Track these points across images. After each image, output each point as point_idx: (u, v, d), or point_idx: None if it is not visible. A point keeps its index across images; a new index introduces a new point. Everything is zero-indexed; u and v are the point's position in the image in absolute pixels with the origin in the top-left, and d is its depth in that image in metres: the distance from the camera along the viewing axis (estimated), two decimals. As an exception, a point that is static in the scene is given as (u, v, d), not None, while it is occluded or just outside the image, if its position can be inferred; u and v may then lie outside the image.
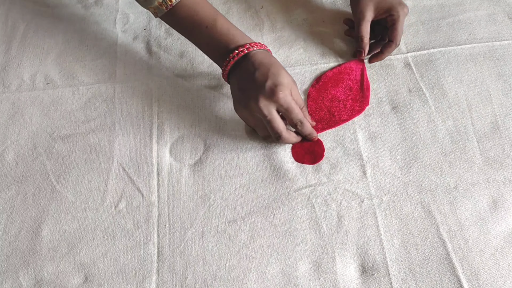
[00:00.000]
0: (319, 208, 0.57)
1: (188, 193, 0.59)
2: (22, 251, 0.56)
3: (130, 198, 0.59)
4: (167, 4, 0.61)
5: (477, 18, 0.72)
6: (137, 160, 0.62)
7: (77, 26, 0.76)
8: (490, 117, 0.63)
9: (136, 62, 0.71)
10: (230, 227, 0.57)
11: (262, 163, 0.61)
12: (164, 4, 0.61)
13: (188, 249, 0.56)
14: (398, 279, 0.53)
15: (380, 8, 0.67)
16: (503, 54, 0.68)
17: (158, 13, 0.62)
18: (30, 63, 0.72)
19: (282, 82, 0.57)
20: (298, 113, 0.59)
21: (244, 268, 0.54)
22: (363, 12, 0.67)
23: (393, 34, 0.66)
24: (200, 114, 0.66)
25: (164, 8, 0.61)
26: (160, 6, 0.61)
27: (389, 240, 0.55)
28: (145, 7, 0.63)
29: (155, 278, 0.54)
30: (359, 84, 0.67)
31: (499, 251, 0.53)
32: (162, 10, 0.61)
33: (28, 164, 0.63)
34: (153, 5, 0.62)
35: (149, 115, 0.66)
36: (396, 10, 0.66)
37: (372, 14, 0.67)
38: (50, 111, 0.67)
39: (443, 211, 0.56)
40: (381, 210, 0.57)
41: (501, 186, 0.58)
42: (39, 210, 0.59)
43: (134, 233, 0.57)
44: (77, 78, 0.70)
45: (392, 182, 0.59)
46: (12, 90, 0.70)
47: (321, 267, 0.54)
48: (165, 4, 0.61)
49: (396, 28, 0.66)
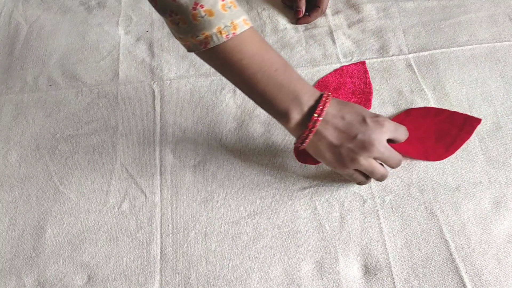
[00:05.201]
0: (321, 208, 0.58)
1: (191, 194, 0.60)
2: (26, 251, 0.57)
3: (133, 198, 0.60)
4: (228, 32, 0.48)
5: (478, 20, 0.73)
6: (140, 161, 0.62)
7: (80, 28, 0.77)
8: (492, 118, 0.63)
9: (138, 64, 0.72)
10: (233, 227, 0.57)
11: (265, 164, 0.61)
12: (225, 32, 0.48)
13: (191, 249, 0.56)
14: (401, 279, 0.53)
15: None
16: (504, 55, 0.68)
17: (209, 43, 0.49)
18: (33, 64, 0.73)
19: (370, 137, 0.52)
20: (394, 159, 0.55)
21: (247, 268, 0.54)
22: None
23: (319, 0, 0.74)
24: (202, 115, 0.66)
25: (225, 36, 0.48)
26: (218, 33, 0.48)
27: (392, 240, 0.55)
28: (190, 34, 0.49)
29: (158, 278, 0.54)
30: (361, 87, 0.67)
31: (502, 250, 0.53)
32: (219, 39, 0.48)
33: (31, 165, 0.63)
34: (208, 32, 0.48)
35: (152, 116, 0.66)
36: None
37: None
38: (53, 112, 0.67)
39: (446, 211, 0.56)
40: (383, 210, 0.57)
41: (503, 186, 0.58)
42: (42, 211, 0.59)
43: (137, 233, 0.57)
44: (80, 80, 0.70)
45: (395, 182, 0.59)
46: (15, 91, 0.70)
47: (324, 267, 0.54)
48: (226, 31, 0.48)
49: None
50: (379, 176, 0.55)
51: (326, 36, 0.73)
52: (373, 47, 0.71)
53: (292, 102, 0.52)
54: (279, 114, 0.53)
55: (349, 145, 0.52)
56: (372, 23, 0.74)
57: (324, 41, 0.73)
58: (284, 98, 0.52)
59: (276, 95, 0.52)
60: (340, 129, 0.52)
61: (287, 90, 0.51)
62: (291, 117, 0.52)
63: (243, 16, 0.50)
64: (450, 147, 0.60)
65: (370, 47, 0.71)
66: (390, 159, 0.54)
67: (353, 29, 0.74)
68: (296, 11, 0.74)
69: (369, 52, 0.71)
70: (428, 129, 0.62)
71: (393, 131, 0.54)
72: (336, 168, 0.54)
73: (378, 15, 0.75)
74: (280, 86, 0.51)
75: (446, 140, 0.61)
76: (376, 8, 0.76)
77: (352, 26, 0.74)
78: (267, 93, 0.52)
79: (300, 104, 0.52)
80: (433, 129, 0.62)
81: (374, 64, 0.69)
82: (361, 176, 0.55)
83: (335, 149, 0.52)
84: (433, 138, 0.61)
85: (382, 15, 0.75)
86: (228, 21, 0.48)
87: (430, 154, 0.60)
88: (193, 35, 0.49)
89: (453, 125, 0.62)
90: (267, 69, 0.51)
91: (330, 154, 0.53)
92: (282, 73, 0.51)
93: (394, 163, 0.55)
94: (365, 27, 0.74)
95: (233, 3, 0.49)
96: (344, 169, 0.54)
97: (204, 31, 0.48)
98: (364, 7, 0.76)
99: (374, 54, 0.70)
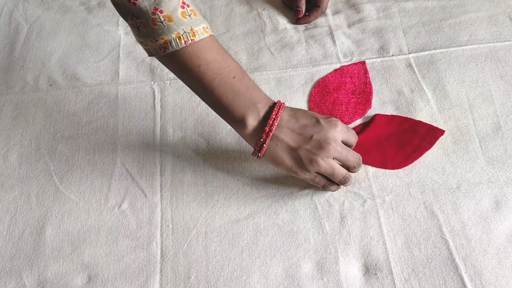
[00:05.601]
0: (322, 208, 0.58)
1: (191, 193, 0.60)
2: (26, 251, 0.57)
3: (133, 198, 0.60)
4: (188, 38, 0.50)
5: (478, 19, 0.73)
6: (140, 161, 0.62)
7: (80, 28, 0.77)
8: (492, 118, 0.63)
9: (138, 64, 0.72)
10: (233, 227, 0.57)
11: (265, 163, 0.61)
12: (184, 38, 0.50)
13: (191, 249, 0.56)
14: (401, 279, 0.53)
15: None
16: (504, 55, 0.68)
17: (168, 48, 0.50)
18: (33, 64, 0.73)
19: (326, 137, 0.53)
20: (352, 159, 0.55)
21: (247, 268, 0.54)
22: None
23: (319, 0, 0.74)
24: (202, 115, 0.66)
25: (183, 42, 0.50)
26: (177, 39, 0.49)
27: (392, 240, 0.55)
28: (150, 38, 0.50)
29: (158, 278, 0.54)
30: (361, 87, 0.67)
31: (502, 250, 0.53)
32: (178, 44, 0.50)
33: (32, 165, 0.63)
34: (167, 37, 0.49)
35: (152, 116, 0.66)
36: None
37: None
38: (53, 112, 0.67)
39: (446, 211, 0.56)
40: (383, 210, 0.57)
41: (503, 186, 0.58)
42: (43, 211, 0.59)
43: (137, 233, 0.57)
44: (80, 80, 0.70)
45: (395, 182, 0.59)
46: (16, 91, 0.70)
47: (324, 267, 0.54)
48: (185, 37, 0.50)
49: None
50: (341, 177, 0.55)
51: (326, 36, 0.73)
52: (373, 47, 0.71)
53: (249, 108, 0.53)
54: (235, 121, 0.54)
55: (307, 146, 0.53)
56: (372, 23, 0.74)
57: (324, 41, 0.73)
58: (241, 105, 0.53)
59: (233, 101, 0.53)
60: (295, 131, 0.53)
61: (243, 97, 0.53)
62: (248, 123, 0.53)
63: (203, 24, 0.51)
64: (410, 156, 0.60)
65: (370, 47, 0.71)
66: (349, 158, 0.55)
67: (353, 29, 0.74)
68: (296, 11, 0.74)
69: (369, 52, 0.71)
70: (390, 137, 0.62)
71: (346, 132, 0.55)
72: (298, 173, 0.54)
73: (378, 15, 0.75)
74: (237, 93, 0.52)
75: (407, 149, 0.61)
76: (376, 8, 0.76)
77: (352, 26, 0.74)
78: (223, 100, 0.53)
79: (256, 110, 0.53)
80: (395, 137, 0.62)
81: (374, 64, 0.69)
82: (323, 179, 0.55)
83: (294, 153, 0.53)
84: (394, 146, 0.61)
85: (382, 15, 0.75)
86: (187, 27, 0.50)
87: (389, 163, 0.60)
88: (153, 39, 0.50)
89: (415, 135, 0.62)
90: (225, 76, 0.52)
91: (289, 159, 0.53)
92: (239, 80, 0.53)
93: (354, 162, 0.55)
94: (365, 27, 0.74)
95: (193, 11, 0.51)
96: (305, 172, 0.54)
97: (163, 36, 0.49)
98: (364, 7, 0.76)
99: (374, 54, 0.71)
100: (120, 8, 0.51)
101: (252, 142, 0.55)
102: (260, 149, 0.54)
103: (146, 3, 0.49)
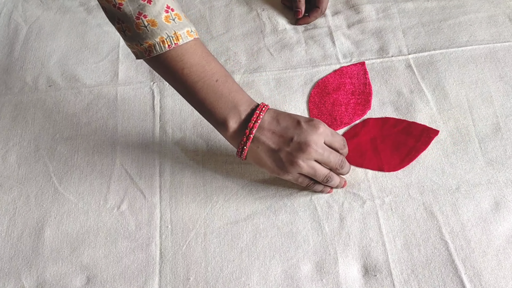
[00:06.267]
0: (321, 209, 0.57)
1: (190, 194, 0.59)
2: (25, 252, 0.56)
3: (133, 199, 0.60)
4: (171, 42, 0.51)
5: (478, 20, 0.73)
6: (139, 162, 0.62)
7: (79, 29, 0.77)
8: (492, 118, 0.63)
9: (138, 64, 0.72)
10: (233, 228, 0.57)
11: (264, 165, 0.61)
12: (168, 42, 0.51)
13: (191, 251, 0.56)
14: (400, 280, 0.52)
15: None
16: (504, 56, 0.68)
17: (152, 51, 0.51)
18: (33, 65, 0.73)
19: (306, 139, 0.53)
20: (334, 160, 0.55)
21: (246, 269, 0.54)
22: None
23: (319, 1, 0.73)
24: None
25: (167, 45, 0.51)
26: (161, 43, 0.50)
27: (392, 241, 0.55)
28: (135, 42, 0.51)
29: (157, 279, 0.54)
30: (361, 88, 0.67)
31: (501, 251, 0.53)
32: (161, 48, 0.51)
33: (31, 165, 0.63)
34: (151, 41, 0.50)
35: (151, 116, 0.66)
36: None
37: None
38: (53, 113, 0.67)
39: (445, 212, 0.56)
40: (383, 211, 0.57)
41: (503, 187, 0.58)
42: (42, 212, 0.59)
43: (136, 234, 0.57)
44: (80, 80, 0.70)
45: (394, 183, 0.59)
46: (15, 92, 0.70)
47: (324, 268, 0.54)
48: (169, 41, 0.51)
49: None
50: (323, 177, 0.55)
51: (326, 37, 0.73)
52: (372, 47, 0.71)
53: (231, 111, 0.54)
54: (218, 123, 0.55)
55: (287, 148, 0.53)
56: (371, 23, 0.74)
57: (324, 41, 0.73)
58: (223, 107, 0.54)
59: (215, 104, 0.54)
60: (276, 133, 0.54)
61: (226, 100, 0.54)
62: (229, 125, 0.54)
63: (187, 28, 0.52)
64: (406, 158, 0.60)
65: (369, 48, 0.71)
66: (331, 160, 0.55)
67: (352, 29, 0.74)
68: (295, 12, 0.74)
69: (368, 52, 0.71)
70: (385, 140, 0.62)
71: (329, 135, 0.55)
72: (280, 174, 0.55)
73: (377, 16, 0.75)
74: (220, 95, 0.53)
75: (402, 151, 0.61)
76: (375, 8, 0.76)
77: (351, 26, 0.74)
78: (206, 102, 0.54)
79: (238, 113, 0.54)
80: (390, 139, 0.62)
81: (374, 64, 0.69)
82: (306, 179, 0.56)
83: (274, 154, 0.53)
84: (389, 149, 0.61)
85: (382, 15, 0.75)
86: (171, 31, 0.51)
87: (385, 165, 0.60)
88: (138, 43, 0.51)
89: (410, 136, 0.62)
90: (208, 79, 0.53)
91: (271, 160, 0.54)
92: (222, 83, 0.54)
93: (336, 163, 0.55)
94: (365, 27, 0.74)
95: (177, 15, 0.52)
96: (286, 173, 0.54)
97: (147, 40, 0.50)
98: (364, 8, 0.76)
99: (373, 54, 0.70)
100: (107, 12, 0.52)
101: (234, 144, 0.56)
102: (242, 151, 0.54)
103: (131, 8, 0.49)
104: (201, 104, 0.54)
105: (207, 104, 0.54)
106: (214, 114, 0.54)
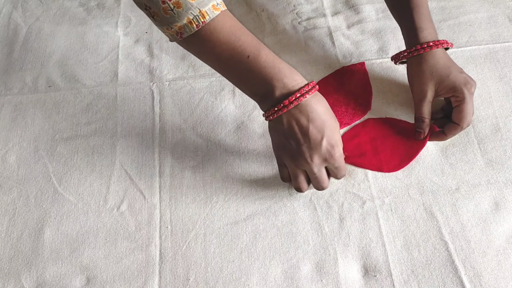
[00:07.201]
0: (321, 210, 0.57)
1: (190, 195, 0.59)
2: (25, 253, 0.56)
3: (132, 200, 0.59)
4: (198, 21, 0.49)
5: (478, 21, 0.73)
6: (139, 162, 0.62)
7: (79, 29, 0.77)
8: (491, 119, 0.63)
9: (138, 65, 0.72)
10: (232, 229, 0.57)
11: (264, 165, 0.61)
12: (195, 22, 0.49)
13: (190, 251, 0.56)
14: (400, 281, 0.52)
15: (443, 87, 0.59)
16: (504, 56, 0.68)
17: (183, 33, 0.50)
18: (32, 66, 0.73)
19: (337, 141, 0.54)
20: (344, 170, 0.57)
21: (246, 269, 0.54)
22: (423, 92, 0.60)
23: (458, 117, 0.59)
24: (201, 116, 0.66)
25: (195, 26, 0.49)
26: (189, 24, 0.49)
27: (391, 241, 0.55)
28: (165, 26, 0.51)
29: (157, 280, 0.54)
30: (361, 88, 0.67)
31: (501, 252, 0.53)
32: (190, 29, 0.49)
33: (30, 166, 0.63)
34: (180, 23, 0.49)
35: (151, 117, 0.66)
36: (461, 91, 0.58)
37: (433, 94, 0.60)
38: (52, 114, 0.67)
39: (445, 212, 0.56)
40: (383, 212, 0.57)
41: (502, 188, 0.58)
42: (41, 213, 0.59)
43: (136, 235, 0.57)
44: (79, 81, 0.70)
45: (394, 183, 0.59)
46: (14, 92, 0.70)
47: (323, 268, 0.54)
48: (196, 21, 0.49)
49: (461, 110, 0.58)
50: (320, 186, 0.56)
51: (326, 37, 0.73)
52: (372, 48, 0.71)
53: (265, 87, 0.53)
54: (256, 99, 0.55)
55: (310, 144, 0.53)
56: (371, 24, 0.74)
57: (324, 42, 0.73)
58: (257, 84, 0.53)
59: (250, 81, 0.53)
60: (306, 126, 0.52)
61: (258, 77, 0.52)
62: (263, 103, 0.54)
63: (213, 2, 0.50)
64: (405, 158, 0.60)
65: (369, 48, 0.71)
66: (341, 169, 0.56)
67: (352, 30, 0.74)
68: (416, 132, 0.61)
69: (368, 53, 0.71)
70: (384, 140, 0.62)
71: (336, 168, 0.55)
72: (290, 160, 0.54)
73: (377, 16, 0.75)
74: (252, 72, 0.52)
75: (401, 151, 0.61)
76: (375, 9, 0.76)
77: (351, 27, 0.74)
78: (241, 78, 0.54)
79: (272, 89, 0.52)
80: (390, 140, 0.62)
81: (374, 65, 0.69)
82: (304, 182, 0.56)
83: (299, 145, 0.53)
84: (389, 149, 0.61)
85: (382, 16, 0.75)
86: (195, 10, 0.49)
87: (384, 166, 0.60)
88: (168, 27, 0.50)
89: (408, 136, 0.62)
90: (239, 56, 0.52)
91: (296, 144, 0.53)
92: (254, 59, 0.52)
93: (342, 175, 0.57)
94: (365, 28, 0.74)
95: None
96: (293, 162, 0.54)
97: (176, 23, 0.49)
98: (364, 8, 0.76)
99: (373, 55, 0.70)
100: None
101: None
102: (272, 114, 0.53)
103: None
104: (237, 82, 0.55)
105: (241, 80, 0.54)
106: (250, 91, 0.54)
